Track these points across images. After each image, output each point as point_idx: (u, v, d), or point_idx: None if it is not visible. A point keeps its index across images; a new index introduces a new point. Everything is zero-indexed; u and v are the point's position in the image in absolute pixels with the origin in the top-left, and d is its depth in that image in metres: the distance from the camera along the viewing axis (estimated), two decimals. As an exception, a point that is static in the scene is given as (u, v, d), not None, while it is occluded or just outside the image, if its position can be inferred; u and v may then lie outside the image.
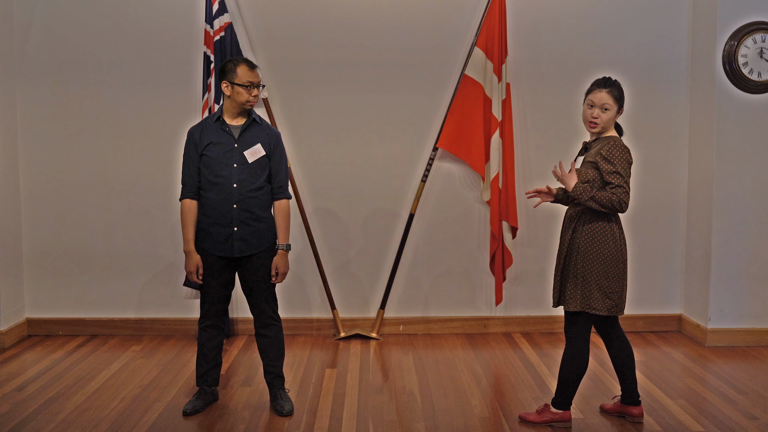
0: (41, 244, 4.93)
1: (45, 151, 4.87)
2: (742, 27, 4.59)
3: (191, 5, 4.80)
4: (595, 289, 3.28)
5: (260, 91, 3.60)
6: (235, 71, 3.52)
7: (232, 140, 3.55)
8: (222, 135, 3.56)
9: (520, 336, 4.98)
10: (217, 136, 3.56)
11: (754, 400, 3.81)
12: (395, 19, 4.85)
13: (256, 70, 3.56)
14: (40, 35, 4.79)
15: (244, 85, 3.51)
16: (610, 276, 3.28)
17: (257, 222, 3.57)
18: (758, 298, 4.76)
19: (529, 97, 4.92)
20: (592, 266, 3.28)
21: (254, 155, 3.54)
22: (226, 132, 3.57)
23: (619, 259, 3.31)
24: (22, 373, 4.21)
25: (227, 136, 3.56)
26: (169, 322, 4.96)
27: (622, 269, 3.33)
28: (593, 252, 3.28)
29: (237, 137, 3.56)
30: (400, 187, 4.95)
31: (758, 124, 4.67)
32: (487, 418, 3.58)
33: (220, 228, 3.55)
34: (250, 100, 3.54)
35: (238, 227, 3.54)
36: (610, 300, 3.29)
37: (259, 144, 3.56)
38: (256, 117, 3.63)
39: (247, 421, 3.54)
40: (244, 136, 3.57)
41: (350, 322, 5.02)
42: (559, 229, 3.77)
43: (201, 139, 3.57)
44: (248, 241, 3.56)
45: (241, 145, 3.55)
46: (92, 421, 3.53)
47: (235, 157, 3.53)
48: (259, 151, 3.55)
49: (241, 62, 3.54)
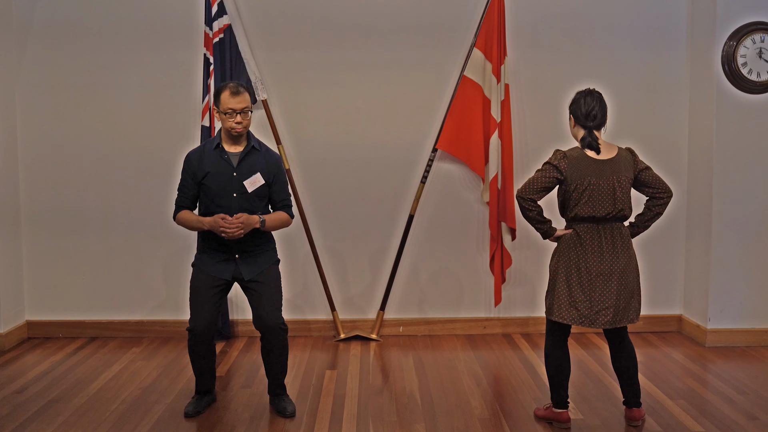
0: (41, 246, 4.93)
1: (45, 155, 4.87)
2: (741, 27, 4.59)
3: (191, 7, 4.80)
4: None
5: (245, 119, 3.45)
6: (219, 97, 3.45)
7: (231, 169, 3.50)
8: (221, 164, 3.51)
9: (519, 337, 4.98)
10: (216, 165, 3.51)
11: (754, 401, 3.81)
12: (394, 21, 4.85)
13: (240, 96, 3.42)
14: (39, 37, 4.79)
15: (225, 112, 3.43)
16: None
17: (257, 247, 3.57)
18: (758, 298, 4.76)
19: (527, 99, 4.92)
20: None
21: (254, 185, 3.50)
22: (225, 160, 3.51)
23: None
24: (23, 376, 4.21)
25: (226, 164, 3.51)
26: (169, 324, 4.96)
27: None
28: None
29: (236, 165, 3.51)
30: (400, 188, 4.95)
31: (758, 124, 4.67)
32: (487, 419, 3.58)
33: (222, 255, 3.55)
34: (233, 127, 3.45)
35: (239, 255, 3.54)
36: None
37: (258, 173, 3.51)
38: (255, 143, 3.56)
39: (248, 422, 3.54)
40: (243, 165, 3.51)
41: (350, 324, 5.02)
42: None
43: (199, 167, 3.52)
44: (255, 263, 3.55)
45: (240, 174, 3.50)
46: (92, 422, 3.53)
47: (234, 186, 3.49)
48: (259, 180, 3.50)
49: (225, 88, 3.44)
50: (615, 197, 3.29)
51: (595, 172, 3.29)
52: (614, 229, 3.34)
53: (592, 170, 3.29)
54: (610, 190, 3.28)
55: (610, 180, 3.29)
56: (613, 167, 3.31)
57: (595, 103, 3.35)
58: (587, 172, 3.29)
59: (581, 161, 3.31)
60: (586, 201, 3.29)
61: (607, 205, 3.29)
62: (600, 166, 3.30)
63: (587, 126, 3.35)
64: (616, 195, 3.29)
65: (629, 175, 3.34)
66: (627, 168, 3.34)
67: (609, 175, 3.29)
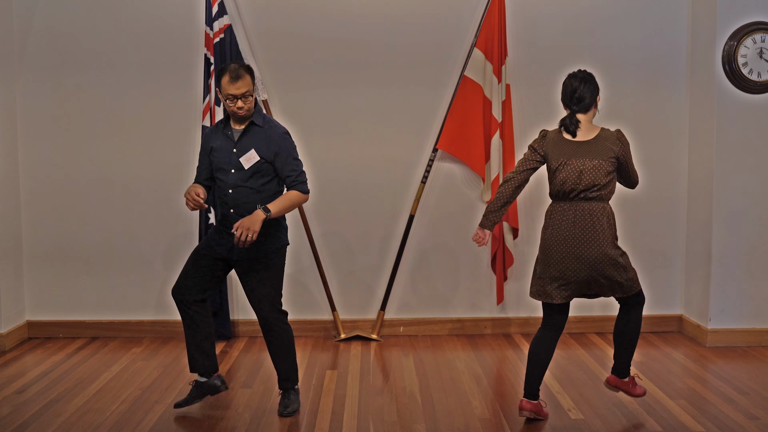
0: (41, 247, 4.93)
1: (46, 155, 4.87)
2: (742, 27, 4.59)
3: (191, 7, 4.80)
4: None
5: (247, 102, 3.44)
6: (220, 81, 3.45)
7: (231, 145, 3.53)
8: (224, 139, 3.55)
9: (520, 337, 4.97)
10: (220, 141, 3.55)
11: (755, 401, 3.81)
12: (394, 20, 4.85)
13: (240, 81, 3.39)
14: (39, 37, 4.80)
15: (226, 98, 3.44)
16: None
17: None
18: (758, 298, 4.76)
19: (529, 98, 4.92)
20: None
21: (249, 161, 3.49)
22: (228, 136, 3.54)
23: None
24: (23, 376, 4.21)
25: (228, 140, 3.54)
26: (170, 325, 4.95)
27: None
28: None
29: (236, 141, 3.53)
30: (400, 188, 4.95)
31: (758, 124, 4.67)
32: (488, 419, 3.58)
33: (222, 228, 3.58)
34: (235, 112, 3.46)
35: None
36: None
37: (252, 150, 3.49)
38: (257, 119, 3.53)
39: (248, 422, 3.54)
40: (243, 141, 3.52)
41: (350, 324, 5.02)
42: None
43: (210, 142, 3.60)
44: (251, 245, 3.48)
45: (239, 150, 3.51)
46: (93, 423, 3.53)
47: (233, 162, 3.51)
48: (254, 156, 3.48)
49: (225, 72, 3.42)
50: (581, 178, 3.35)
51: (567, 152, 3.39)
52: (583, 208, 3.37)
53: (564, 151, 3.40)
54: (581, 170, 3.35)
55: (583, 162, 3.36)
56: (589, 149, 3.38)
57: (579, 84, 3.41)
58: (560, 153, 3.40)
59: (557, 141, 3.43)
60: (559, 179, 3.40)
61: (577, 183, 3.36)
62: (574, 147, 3.39)
63: (572, 108, 3.44)
64: (587, 175, 3.35)
65: (608, 158, 3.37)
66: (606, 150, 3.38)
67: (582, 156, 3.37)
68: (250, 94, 3.45)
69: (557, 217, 3.42)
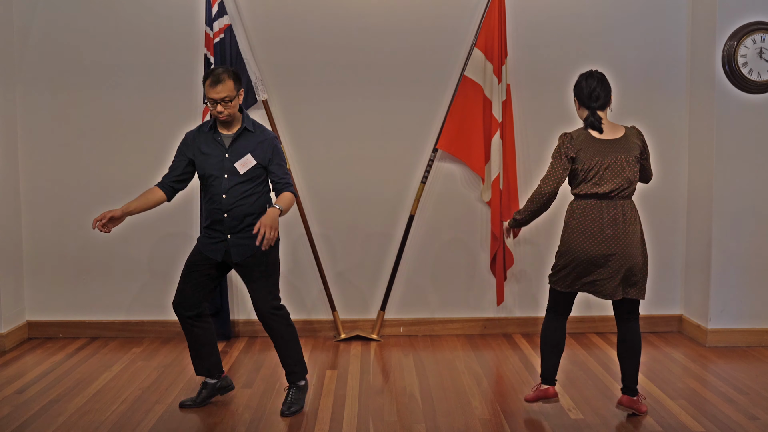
0: (41, 247, 4.93)
1: (46, 155, 4.88)
2: (742, 27, 4.59)
3: (191, 8, 4.80)
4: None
5: (227, 107, 3.43)
6: (204, 84, 3.46)
7: (223, 151, 3.52)
8: (213, 145, 3.54)
9: (520, 337, 4.97)
10: (209, 147, 3.54)
11: (755, 401, 3.81)
12: (394, 21, 4.85)
13: (220, 86, 3.39)
14: (39, 39, 4.80)
15: (206, 102, 3.45)
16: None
17: (250, 228, 3.53)
18: (758, 298, 4.76)
19: (529, 98, 4.92)
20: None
21: (245, 166, 3.50)
22: (218, 142, 3.54)
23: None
24: (23, 376, 4.21)
25: (218, 146, 3.53)
26: (170, 325, 4.96)
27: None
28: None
29: (228, 147, 3.53)
30: (400, 189, 4.95)
31: (758, 125, 4.67)
32: (488, 420, 3.58)
33: (215, 233, 3.56)
34: (216, 115, 3.47)
35: (231, 236, 3.53)
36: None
37: (249, 155, 3.51)
38: (248, 125, 3.55)
39: (248, 423, 3.54)
40: (235, 147, 3.52)
41: (350, 324, 5.02)
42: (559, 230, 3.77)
43: (194, 146, 3.57)
44: (246, 245, 3.53)
45: (231, 156, 3.51)
46: (93, 423, 3.53)
47: (226, 168, 3.51)
48: (250, 161, 3.50)
49: (208, 77, 3.44)
50: (624, 175, 3.38)
51: (601, 151, 3.39)
52: (617, 206, 3.41)
53: (597, 149, 3.40)
54: (619, 169, 3.38)
55: (618, 159, 3.39)
56: (621, 146, 3.41)
57: (597, 84, 3.45)
58: (593, 152, 3.40)
59: (586, 141, 3.42)
60: (592, 179, 3.40)
61: (614, 182, 3.38)
62: (606, 145, 3.40)
63: (591, 107, 3.45)
64: (626, 173, 3.39)
65: (636, 154, 3.44)
66: (635, 147, 3.44)
67: (616, 153, 3.39)
68: (230, 99, 3.44)
69: (591, 214, 3.40)
